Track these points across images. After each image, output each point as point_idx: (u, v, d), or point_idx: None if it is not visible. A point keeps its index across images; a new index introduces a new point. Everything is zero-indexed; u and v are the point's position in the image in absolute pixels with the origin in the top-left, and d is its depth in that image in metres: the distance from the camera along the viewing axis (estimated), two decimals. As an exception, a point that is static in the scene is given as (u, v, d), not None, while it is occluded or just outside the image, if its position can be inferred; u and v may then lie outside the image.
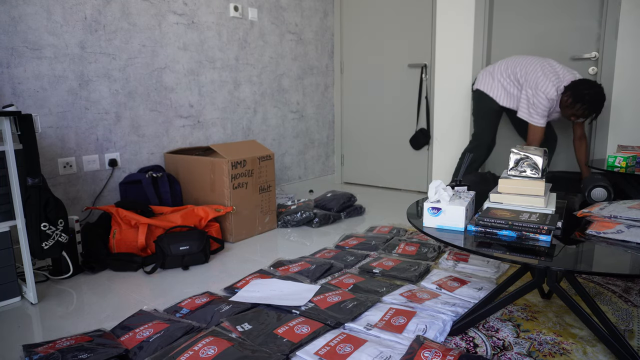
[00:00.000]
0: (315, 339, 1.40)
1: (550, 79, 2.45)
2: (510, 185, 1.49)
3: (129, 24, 2.49)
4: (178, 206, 2.47)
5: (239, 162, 2.44)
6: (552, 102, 2.49)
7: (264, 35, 3.29)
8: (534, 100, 2.51)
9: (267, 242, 2.49)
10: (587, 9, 2.81)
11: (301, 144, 3.76)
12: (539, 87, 2.48)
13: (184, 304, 1.68)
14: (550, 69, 2.48)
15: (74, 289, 1.89)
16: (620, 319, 1.53)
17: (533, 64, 2.54)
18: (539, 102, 2.49)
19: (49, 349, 1.36)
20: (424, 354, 1.26)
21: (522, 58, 2.62)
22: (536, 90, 2.49)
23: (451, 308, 1.57)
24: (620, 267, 1.12)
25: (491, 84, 2.72)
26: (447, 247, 2.29)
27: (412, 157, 3.68)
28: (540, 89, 2.47)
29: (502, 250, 1.24)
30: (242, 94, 3.19)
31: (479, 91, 2.78)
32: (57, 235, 1.76)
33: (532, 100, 2.52)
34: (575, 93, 2.36)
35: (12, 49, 2.07)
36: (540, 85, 2.47)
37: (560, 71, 2.48)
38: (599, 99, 2.34)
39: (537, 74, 2.50)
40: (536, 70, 2.51)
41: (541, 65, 2.51)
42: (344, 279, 1.88)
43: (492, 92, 2.71)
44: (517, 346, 1.38)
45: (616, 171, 2.20)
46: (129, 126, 2.55)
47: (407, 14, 3.50)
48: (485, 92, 2.74)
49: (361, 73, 3.84)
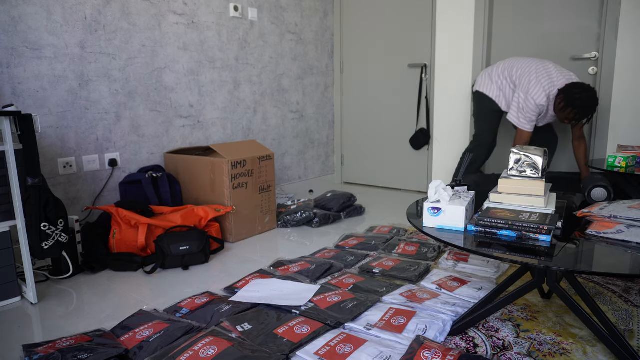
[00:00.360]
0: (315, 339, 1.40)
1: (542, 85, 2.46)
2: (510, 185, 1.49)
3: (129, 24, 2.49)
4: (178, 206, 2.47)
5: (239, 162, 2.44)
6: (542, 108, 2.50)
7: (264, 35, 3.29)
8: (523, 105, 2.53)
9: (267, 242, 2.49)
10: (587, 9, 2.81)
11: (301, 144, 3.76)
12: (529, 93, 2.50)
13: (184, 304, 1.68)
14: (544, 73, 2.48)
15: (74, 289, 1.89)
16: (620, 319, 1.53)
17: (529, 67, 2.55)
18: (528, 108, 2.51)
19: (49, 349, 1.36)
20: (424, 354, 1.26)
21: (520, 60, 2.62)
22: (527, 95, 2.51)
23: (451, 308, 1.57)
24: (620, 267, 1.12)
25: (490, 85, 2.73)
26: (447, 247, 2.29)
27: (412, 157, 3.68)
28: (531, 94, 2.49)
29: (502, 250, 1.24)
30: (242, 94, 3.19)
31: (479, 93, 2.79)
32: (57, 235, 1.76)
33: (522, 104, 2.54)
34: (567, 97, 2.36)
35: (12, 49, 2.07)
36: (531, 90, 2.49)
37: (555, 75, 2.47)
38: (590, 104, 2.34)
39: (530, 78, 2.51)
40: (530, 74, 2.52)
41: (536, 69, 2.52)
42: (344, 279, 1.88)
43: (492, 93, 2.72)
44: (517, 346, 1.38)
45: (616, 171, 2.20)
46: (129, 126, 2.55)
47: (407, 14, 3.50)
48: (485, 93, 2.75)
49: (361, 73, 3.84)
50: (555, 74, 2.48)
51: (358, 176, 4.04)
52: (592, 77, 2.85)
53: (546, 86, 2.45)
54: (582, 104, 2.34)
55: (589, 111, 2.37)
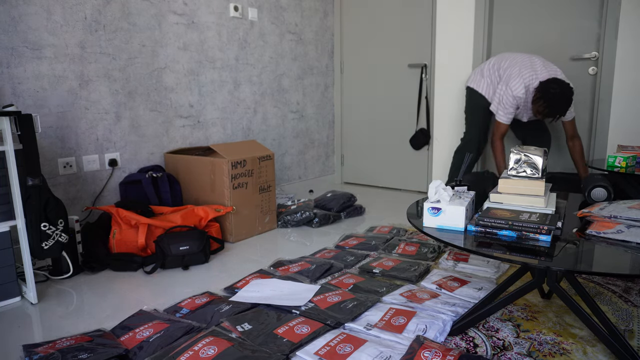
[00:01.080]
0: (315, 339, 1.40)
1: (522, 77, 2.48)
2: (510, 185, 1.49)
3: (129, 24, 2.49)
4: (178, 206, 2.47)
5: (239, 162, 2.44)
6: (519, 100, 2.52)
7: (264, 35, 3.29)
8: (503, 96, 2.56)
9: (267, 242, 2.49)
10: (587, 9, 2.81)
11: (301, 144, 3.76)
12: (509, 84, 2.53)
13: (184, 304, 1.68)
14: (528, 66, 2.50)
15: (74, 289, 1.89)
16: (620, 319, 1.53)
17: (515, 59, 2.58)
18: (507, 99, 2.54)
19: (49, 349, 1.36)
20: (424, 354, 1.26)
21: (510, 55, 2.65)
22: (507, 87, 2.53)
23: (451, 308, 1.57)
24: (620, 267, 1.12)
25: (480, 81, 2.76)
26: (447, 247, 2.29)
27: (412, 157, 3.68)
28: (510, 85, 2.52)
29: (502, 250, 1.24)
30: (242, 94, 3.19)
31: (470, 88, 2.83)
32: (57, 235, 1.76)
33: (502, 96, 2.57)
34: (543, 89, 2.38)
35: (12, 49, 2.07)
36: (511, 82, 2.52)
37: (539, 69, 2.48)
38: (561, 101, 2.35)
39: (513, 70, 2.54)
40: (514, 66, 2.55)
41: (521, 62, 2.54)
42: (344, 279, 1.88)
43: (482, 89, 2.75)
44: (517, 346, 1.38)
45: (616, 171, 2.20)
46: (129, 126, 2.55)
47: (407, 14, 3.50)
48: (475, 89, 2.78)
49: (361, 73, 3.84)
50: (539, 68, 2.48)
51: (358, 176, 4.04)
52: (592, 77, 2.85)
53: (527, 78, 2.47)
54: (553, 97, 2.35)
55: (558, 109, 2.38)
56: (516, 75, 2.50)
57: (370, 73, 3.79)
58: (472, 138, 2.88)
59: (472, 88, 2.80)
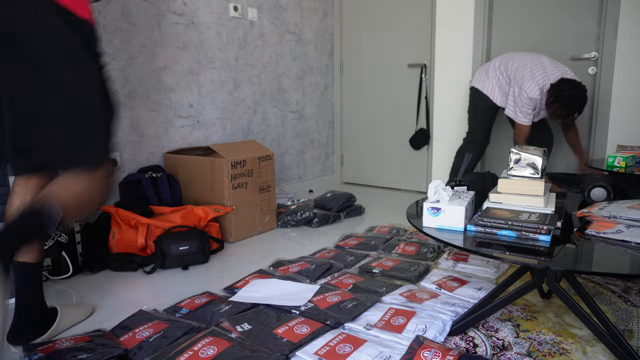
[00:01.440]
0: (314, 339, 1.40)
1: (535, 79, 2.47)
2: (509, 185, 1.49)
3: (129, 24, 2.49)
4: (178, 206, 2.47)
5: (238, 162, 2.44)
6: (535, 102, 2.51)
7: (263, 35, 3.29)
8: (518, 99, 2.54)
9: (266, 242, 2.49)
10: (587, 9, 2.81)
11: (301, 144, 3.76)
12: (523, 87, 2.52)
13: (184, 304, 1.68)
14: (539, 67, 2.50)
15: (73, 289, 1.89)
16: (620, 319, 1.54)
17: (524, 61, 2.57)
18: (522, 102, 2.53)
19: (49, 349, 1.36)
20: (424, 353, 1.26)
21: (515, 55, 2.64)
22: (521, 89, 2.53)
23: (451, 308, 1.57)
24: (620, 267, 1.13)
25: (485, 81, 2.75)
26: (447, 247, 2.29)
27: (412, 157, 3.68)
28: (524, 88, 2.51)
29: (502, 250, 1.24)
30: (241, 94, 3.19)
31: (474, 88, 2.82)
32: (56, 235, 1.76)
33: (517, 99, 2.55)
34: (557, 92, 2.38)
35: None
36: (525, 84, 2.51)
37: (549, 69, 2.49)
38: (578, 102, 2.36)
39: (524, 72, 2.53)
40: (525, 68, 2.54)
41: (530, 63, 2.53)
42: (343, 279, 1.88)
43: (487, 89, 2.74)
44: (516, 346, 1.38)
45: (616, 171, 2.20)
46: (129, 126, 2.55)
47: (407, 14, 3.50)
48: (479, 89, 2.77)
49: (361, 73, 3.84)
50: (549, 68, 2.49)
51: (358, 176, 4.04)
52: (591, 77, 2.85)
53: (540, 80, 2.47)
54: (569, 99, 2.36)
55: (576, 107, 2.39)
56: (529, 78, 2.49)
57: (369, 73, 3.79)
58: (475, 138, 2.87)
59: (477, 88, 2.79)
